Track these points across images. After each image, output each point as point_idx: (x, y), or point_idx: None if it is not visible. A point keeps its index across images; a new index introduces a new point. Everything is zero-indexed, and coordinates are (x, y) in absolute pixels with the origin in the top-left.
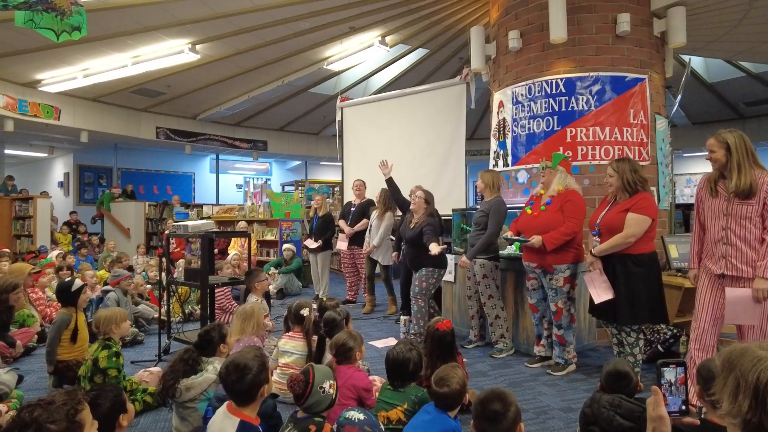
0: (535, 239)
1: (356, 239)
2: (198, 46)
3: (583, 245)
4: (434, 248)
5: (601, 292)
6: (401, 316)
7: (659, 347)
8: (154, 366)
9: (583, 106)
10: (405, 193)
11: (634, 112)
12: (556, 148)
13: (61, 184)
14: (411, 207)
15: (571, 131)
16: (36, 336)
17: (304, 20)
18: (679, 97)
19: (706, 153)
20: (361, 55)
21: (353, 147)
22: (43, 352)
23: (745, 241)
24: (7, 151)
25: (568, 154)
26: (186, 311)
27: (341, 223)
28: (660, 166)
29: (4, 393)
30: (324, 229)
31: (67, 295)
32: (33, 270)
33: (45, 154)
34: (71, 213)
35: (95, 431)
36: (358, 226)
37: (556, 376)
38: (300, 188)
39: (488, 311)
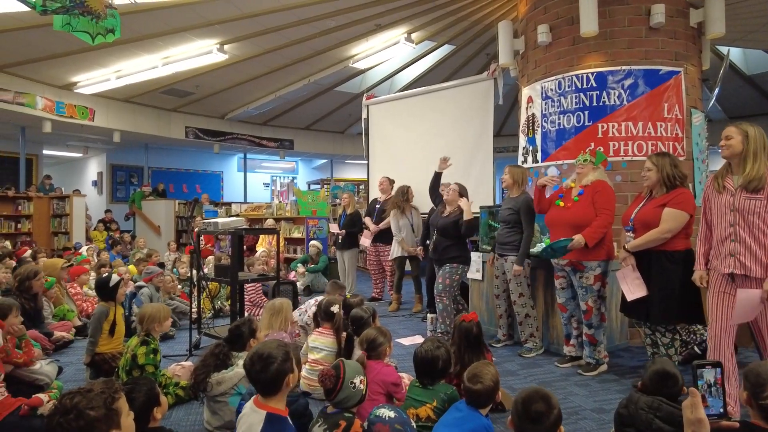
0: (577, 239)
1: (381, 236)
2: (226, 46)
3: (614, 243)
4: (464, 203)
5: (633, 288)
6: (428, 314)
7: (696, 348)
8: (185, 360)
9: (615, 101)
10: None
11: (668, 106)
12: (587, 143)
13: (94, 183)
14: (445, 198)
15: (602, 126)
16: (74, 329)
17: (330, 18)
18: (716, 91)
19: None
20: (387, 52)
21: (379, 144)
22: (80, 345)
23: (754, 239)
24: (44, 152)
25: (600, 149)
26: (216, 306)
27: (367, 220)
28: (696, 161)
29: (45, 383)
30: (351, 227)
31: (106, 290)
32: (65, 265)
33: (80, 154)
34: (106, 211)
35: (131, 420)
36: (384, 224)
37: (587, 376)
38: (326, 186)
39: (518, 310)
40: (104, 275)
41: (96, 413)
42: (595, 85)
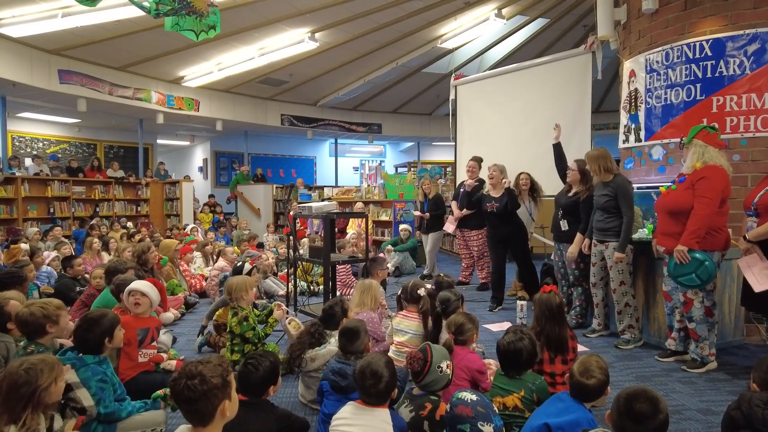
0: (678, 252)
1: (466, 222)
2: (317, 34)
3: (729, 230)
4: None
5: (761, 279)
6: (518, 301)
7: None
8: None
9: (734, 71)
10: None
11: None
12: (698, 120)
13: (200, 169)
14: (568, 179)
15: (718, 100)
16: (184, 304)
17: None
18: None
19: None
20: (476, 30)
21: (467, 125)
22: (190, 318)
23: None
24: (158, 141)
25: (714, 125)
26: (310, 286)
27: (453, 204)
28: None
29: (162, 351)
30: (435, 210)
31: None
32: (178, 245)
33: (187, 143)
34: (210, 196)
35: (236, 394)
36: (468, 211)
37: (692, 373)
38: (413, 169)
39: (618, 298)
40: (239, 263)
41: (216, 381)
42: (710, 53)
